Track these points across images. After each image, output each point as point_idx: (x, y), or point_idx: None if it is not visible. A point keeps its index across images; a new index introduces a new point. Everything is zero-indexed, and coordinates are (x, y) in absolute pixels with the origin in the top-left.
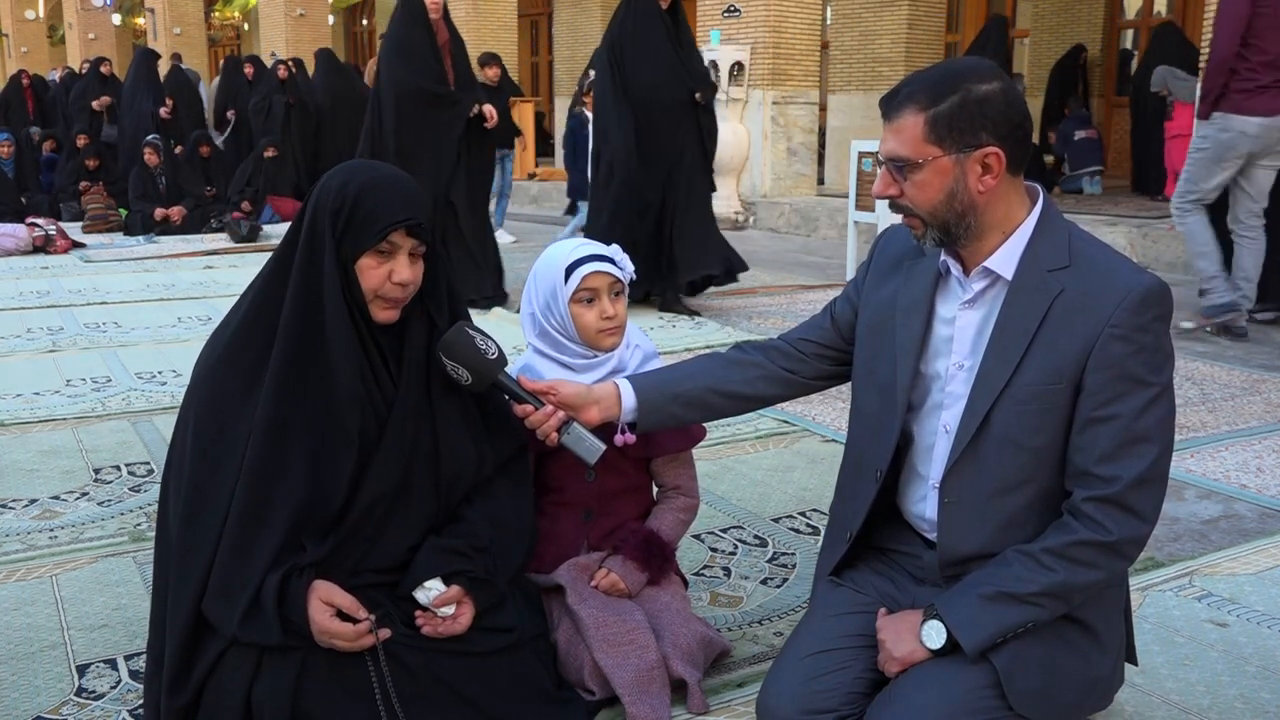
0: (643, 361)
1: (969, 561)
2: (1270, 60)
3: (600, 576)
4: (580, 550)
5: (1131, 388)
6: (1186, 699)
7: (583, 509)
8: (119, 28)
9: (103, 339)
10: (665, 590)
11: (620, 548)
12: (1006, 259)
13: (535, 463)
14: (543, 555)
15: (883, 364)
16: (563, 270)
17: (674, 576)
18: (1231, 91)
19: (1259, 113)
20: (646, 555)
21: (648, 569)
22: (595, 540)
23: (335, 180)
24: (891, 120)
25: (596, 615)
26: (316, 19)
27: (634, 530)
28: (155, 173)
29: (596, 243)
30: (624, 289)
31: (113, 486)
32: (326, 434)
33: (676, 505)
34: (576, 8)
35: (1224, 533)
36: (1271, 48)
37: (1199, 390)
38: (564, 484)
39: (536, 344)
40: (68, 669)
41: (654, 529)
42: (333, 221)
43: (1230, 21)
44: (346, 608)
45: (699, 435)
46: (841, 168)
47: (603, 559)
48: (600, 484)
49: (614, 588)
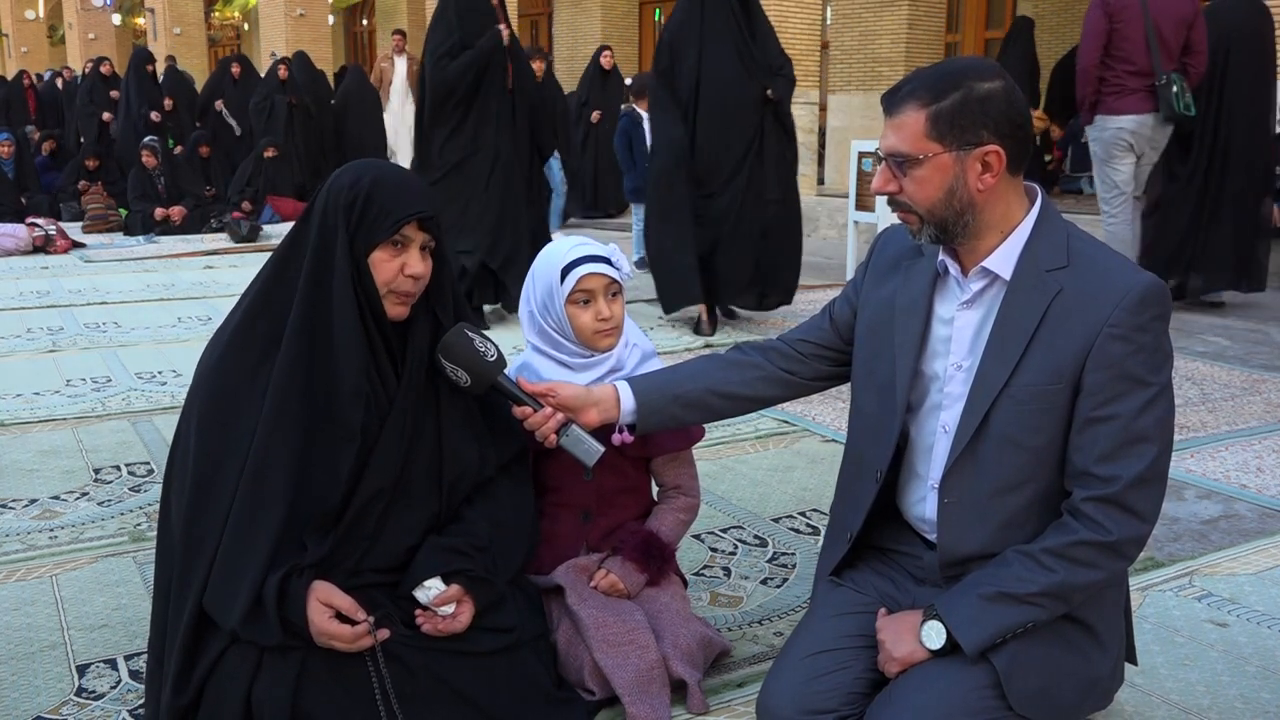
0: (641, 360)
1: (969, 561)
2: (1135, 69)
3: (599, 577)
4: (579, 551)
5: (1130, 387)
6: (1186, 699)
7: (581, 509)
8: (119, 28)
9: (103, 339)
10: (665, 591)
11: (619, 549)
12: (1005, 259)
13: (533, 463)
14: (542, 556)
15: (882, 364)
16: (559, 270)
17: (673, 577)
18: (1105, 96)
19: (1129, 112)
20: (646, 556)
21: (647, 570)
22: (594, 541)
23: (346, 176)
24: (893, 116)
25: (596, 616)
26: (316, 19)
27: (633, 531)
28: (154, 174)
29: (595, 242)
30: (621, 289)
31: (113, 486)
32: (329, 429)
33: (677, 505)
34: (576, 8)
35: (1224, 533)
36: (1134, 58)
37: (1199, 390)
38: (562, 484)
39: (535, 342)
40: (68, 669)
41: (654, 529)
42: (346, 216)
43: (1091, 36)
44: (345, 609)
45: (698, 435)
46: (841, 168)
47: (602, 560)
48: (599, 484)
49: (613, 589)
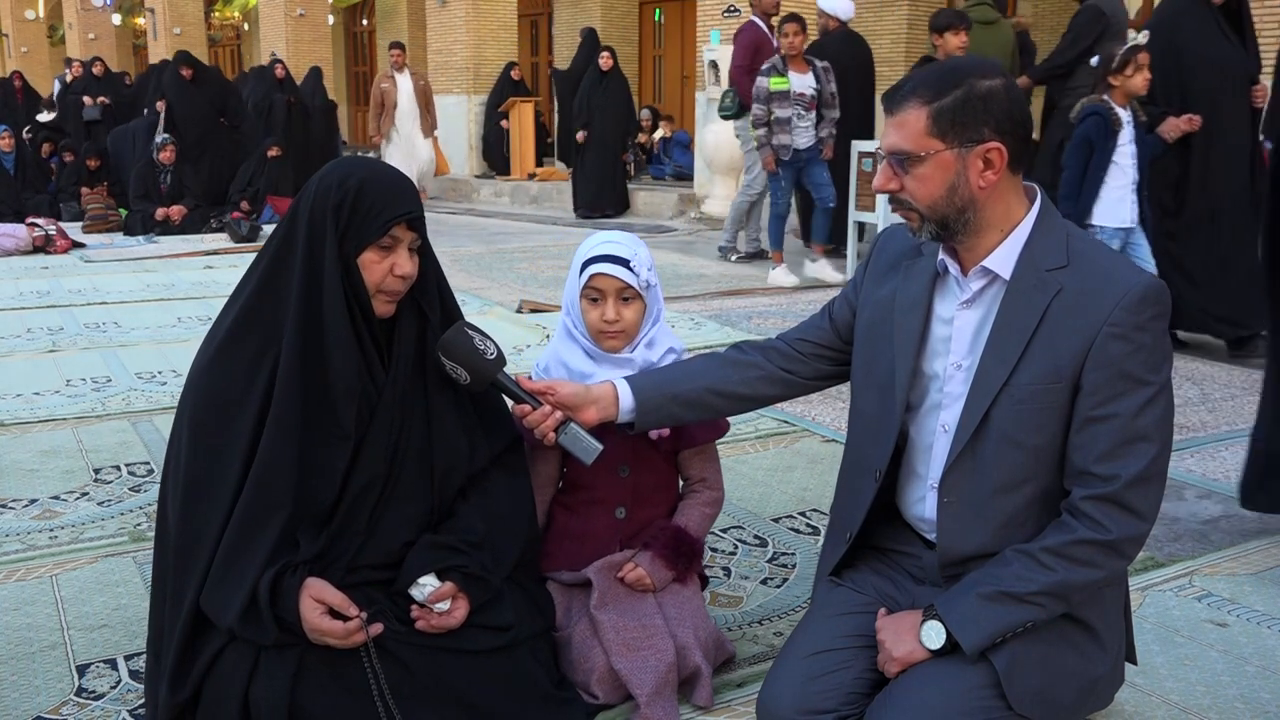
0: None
1: (969, 561)
2: None
3: (627, 569)
4: (615, 548)
5: (1130, 386)
6: (1186, 699)
7: (616, 505)
8: (119, 28)
9: (103, 339)
10: (688, 586)
11: (650, 544)
12: (1004, 258)
13: (563, 460)
14: (577, 554)
15: (881, 364)
16: (580, 262)
17: (695, 576)
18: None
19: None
20: (675, 553)
21: (675, 567)
22: (628, 538)
23: (333, 176)
24: (895, 114)
25: (616, 621)
26: (316, 19)
27: (663, 528)
28: (163, 170)
29: (626, 243)
30: (636, 294)
31: (113, 486)
32: (323, 429)
33: (702, 500)
34: (576, 8)
35: (1224, 533)
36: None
37: (1199, 390)
38: (595, 481)
39: (568, 322)
40: (68, 669)
41: (682, 525)
42: (335, 217)
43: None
44: (337, 605)
45: (725, 427)
46: None
47: (632, 555)
48: (635, 479)
49: (640, 582)
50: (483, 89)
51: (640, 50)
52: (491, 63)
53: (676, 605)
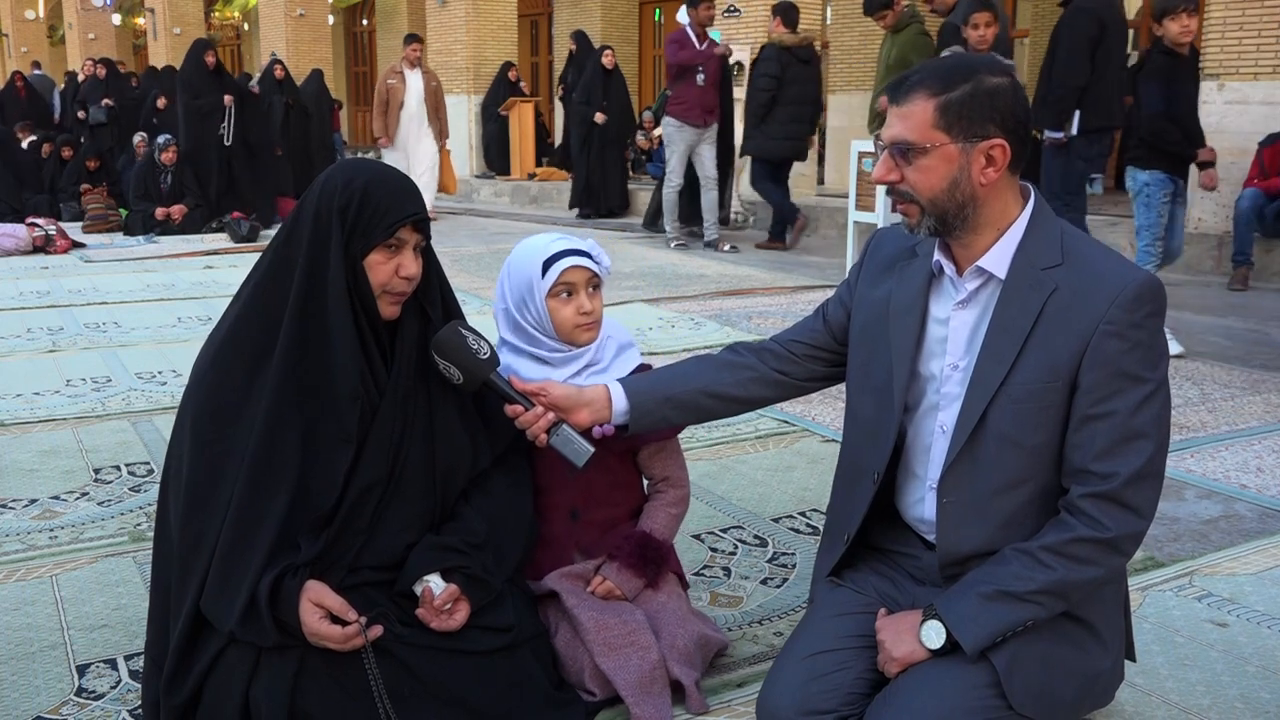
0: (618, 352)
1: (968, 561)
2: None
3: (596, 583)
4: (571, 552)
5: (1127, 384)
6: (1186, 699)
7: (569, 508)
8: (119, 28)
9: (103, 339)
10: (661, 591)
11: (615, 555)
12: (999, 258)
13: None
14: (534, 559)
15: (878, 366)
16: (540, 264)
17: (671, 576)
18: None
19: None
20: (642, 560)
21: (644, 575)
22: (586, 541)
23: (339, 178)
24: (900, 104)
25: (596, 618)
26: (316, 19)
27: (627, 536)
28: (164, 170)
29: (572, 236)
30: (601, 284)
31: (113, 486)
32: (325, 431)
33: (666, 500)
34: (576, 8)
35: (1224, 533)
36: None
37: (1199, 390)
38: (549, 484)
39: (510, 339)
40: (68, 669)
41: (647, 530)
42: (341, 219)
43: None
44: (336, 610)
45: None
46: (841, 168)
47: (598, 566)
48: (586, 481)
49: (610, 595)
50: (483, 89)
51: (640, 50)
52: (492, 63)
53: (650, 615)
